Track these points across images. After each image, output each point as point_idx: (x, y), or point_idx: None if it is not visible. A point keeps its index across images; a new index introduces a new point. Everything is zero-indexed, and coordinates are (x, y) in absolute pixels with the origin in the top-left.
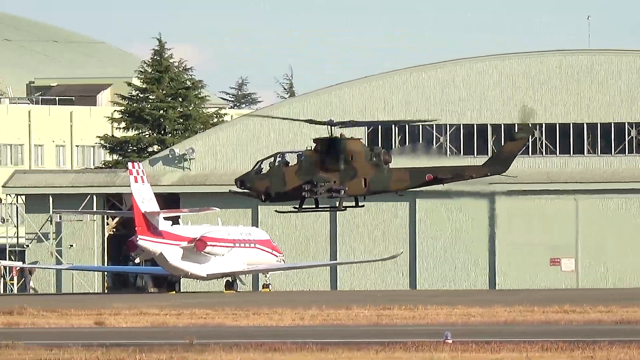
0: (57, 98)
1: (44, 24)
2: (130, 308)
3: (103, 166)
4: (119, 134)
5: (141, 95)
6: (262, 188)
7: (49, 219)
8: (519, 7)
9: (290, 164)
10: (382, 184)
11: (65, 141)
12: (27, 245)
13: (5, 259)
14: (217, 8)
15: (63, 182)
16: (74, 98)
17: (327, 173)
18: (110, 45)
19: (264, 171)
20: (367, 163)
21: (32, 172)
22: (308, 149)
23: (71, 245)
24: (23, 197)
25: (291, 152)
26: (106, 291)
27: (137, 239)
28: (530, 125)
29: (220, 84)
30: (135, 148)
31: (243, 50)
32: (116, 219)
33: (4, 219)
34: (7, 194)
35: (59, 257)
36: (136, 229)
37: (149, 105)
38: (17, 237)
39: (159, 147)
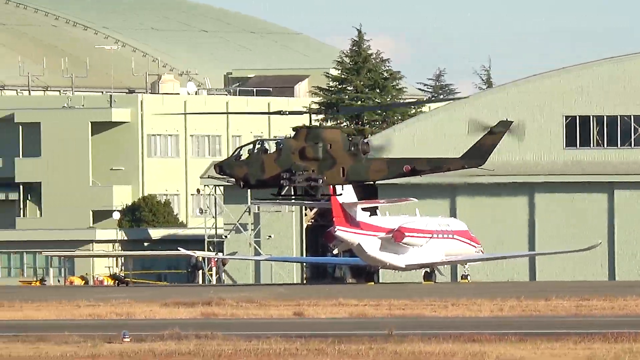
0: (254, 89)
1: (242, 15)
2: (329, 299)
3: None
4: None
5: (339, 87)
6: (240, 174)
7: (247, 210)
8: None
9: (269, 152)
10: (360, 174)
11: (262, 132)
12: (226, 236)
13: (204, 250)
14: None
15: None
16: (271, 89)
17: (305, 162)
18: (309, 37)
19: (242, 158)
20: (345, 153)
21: None
22: (287, 137)
23: (269, 236)
24: (221, 188)
25: (271, 140)
26: (304, 282)
27: (335, 230)
28: (508, 120)
29: (417, 75)
30: None
31: (439, 41)
32: (314, 210)
33: (202, 210)
34: (205, 185)
35: (257, 248)
36: (334, 219)
37: (347, 97)
38: (216, 228)
39: None
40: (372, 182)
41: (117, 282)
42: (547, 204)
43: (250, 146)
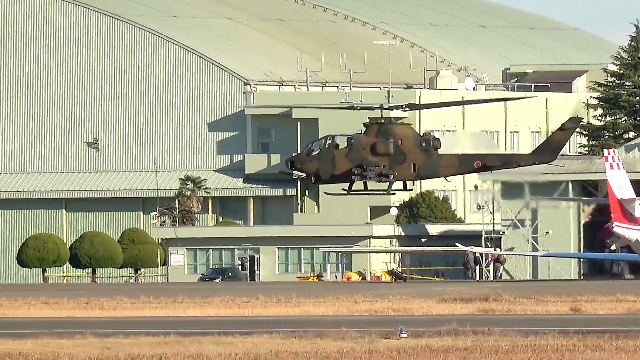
0: (532, 85)
1: (519, 10)
2: (607, 295)
3: (579, 153)
4: (594, 120)
5: (617, 82)
6: (312, 170)
7: (525, 206)
8: None
9: (340, 147)
10: (431, 170)
11: (540, 128)
12: (503, 232)
13: (481, 246)
14: None
15: (539, 168)
16: (549, 84)
17: (376, 157)
18: (586, 32)
19: (314, 153)
20: (416, 148)
21: None
22: (358, 132)
23: (547, 232)
24: (499, 184)
25: (342, 135)
26: (582, 278)
27: (613, 225)
28: (579, 117)
29: None
30: (611, 134)
31: None
32: (592, 206)
33: (479, 206)
34: (483, 181)
35: (535, 244)
36: (612, 216)
37: (625, 92)
38: (493, 223)
39: (635, 134)
40: (444, 178)
41: (394, 278)
42: None
43: (322, 141)
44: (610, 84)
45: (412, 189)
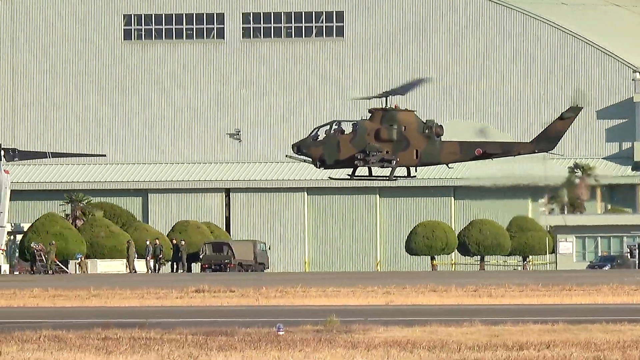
0: None
1: None
2: None
3: None
4: None
5: None
6: (317, 154)
7: None
8: None
9: (345, 132)
10: (434, 156)
11: None
12: None
13: None
14: None
15: None
16: None
17: (380, 143)
18: None
19: (320, 138)
20: (419, 135)
21: None
22: (363, 119)
23: None
24: None
25: (347, 121)
26: None
27: None
28: (579, 106)
29: None
30: None
31: None
32: None
33: None
34: None
35: None
36: None
37: None
38: None
39: None
40: (445, 164)
41: None
42: None
43: (327, 127)
44: None
45: (415, 176)
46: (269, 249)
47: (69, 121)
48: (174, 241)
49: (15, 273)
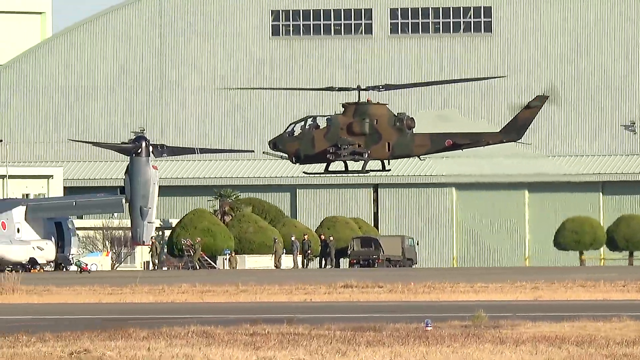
0: None
1: None
2: None
3: None
4: None
5: None
6: (292, 150)
7: None
8: None
9: (320, 128)
10: (405, 149)
11: None
12: None
13: None
14: None
15: None
16: None
17: (352, 137)
18: None
19: (295, 134)
20: (390, 128)
21: None
22: (337, 114)
23: None
24: None
25: (322, 116)
26: None
27: None
28: (545, 96)
29: None
30: None
31: None
32: None
33: None
34: None
35: None
36: None
37: None
38: None
39: None
40: (417, 156)
41: None
42: None
43: (302, 122)
44: None
45: (389, 169)
46: (417, 244)
47: (216, 117)
48: (322, 237)
49: (164, 269)
